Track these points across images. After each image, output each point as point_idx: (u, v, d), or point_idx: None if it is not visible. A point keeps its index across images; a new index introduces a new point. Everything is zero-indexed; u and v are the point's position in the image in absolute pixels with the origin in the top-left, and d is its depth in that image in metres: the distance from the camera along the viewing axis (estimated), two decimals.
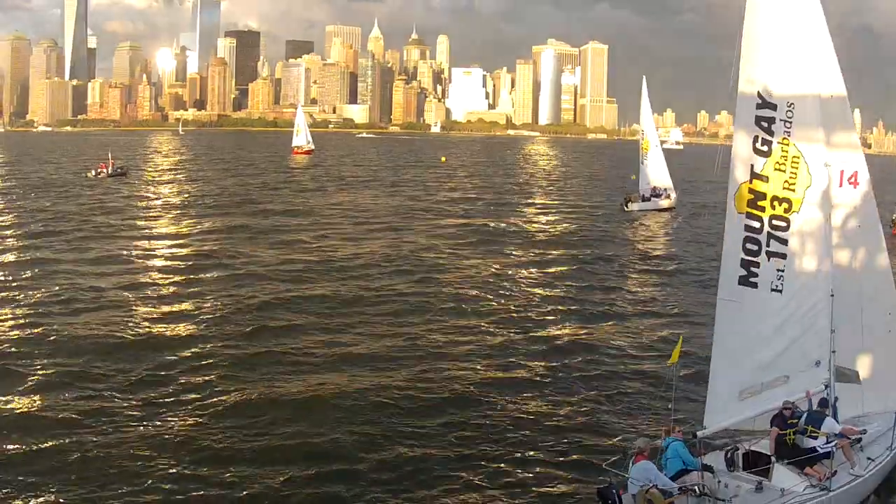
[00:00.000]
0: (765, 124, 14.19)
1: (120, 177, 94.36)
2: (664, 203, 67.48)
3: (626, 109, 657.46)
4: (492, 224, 57.58)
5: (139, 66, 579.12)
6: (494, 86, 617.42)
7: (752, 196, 14.37)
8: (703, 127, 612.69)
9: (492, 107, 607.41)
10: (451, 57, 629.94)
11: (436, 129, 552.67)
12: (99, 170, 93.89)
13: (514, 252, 46.59)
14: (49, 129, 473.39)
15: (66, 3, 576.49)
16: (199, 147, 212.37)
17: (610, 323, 30.36)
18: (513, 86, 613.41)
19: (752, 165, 14.28)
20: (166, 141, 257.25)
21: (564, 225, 60.00)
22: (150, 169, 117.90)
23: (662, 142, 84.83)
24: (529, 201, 77.48)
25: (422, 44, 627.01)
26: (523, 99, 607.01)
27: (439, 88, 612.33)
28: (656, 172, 68.17)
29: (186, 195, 75.62)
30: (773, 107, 14.16)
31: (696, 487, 12.97)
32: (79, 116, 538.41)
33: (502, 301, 33.38)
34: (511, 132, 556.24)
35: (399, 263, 41.11)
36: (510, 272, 40.21)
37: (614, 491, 12.91)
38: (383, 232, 52.99)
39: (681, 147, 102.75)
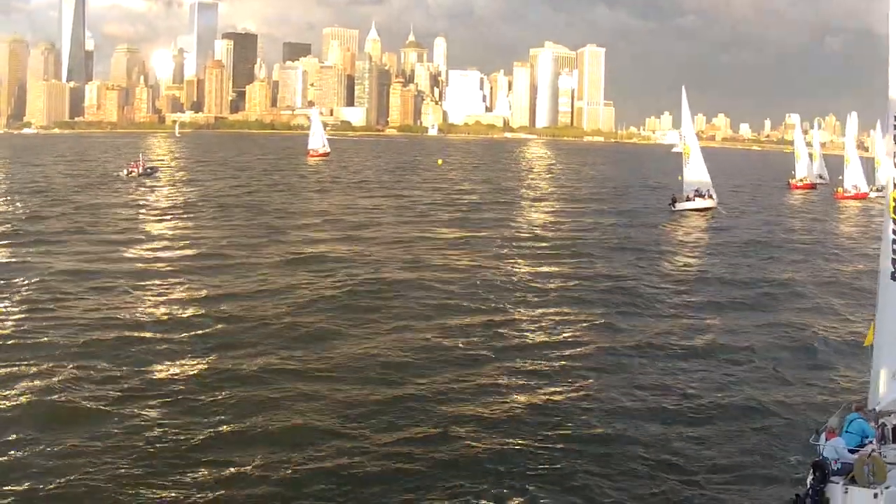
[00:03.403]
0: None
1: (150, 176, 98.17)
2: (707, 203, 71.75)
3: (623, 112, 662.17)
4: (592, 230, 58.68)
5: (136, 69, 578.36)
6: (492, 88, 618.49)
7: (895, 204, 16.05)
8: (700, 130, 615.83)
9: (489, 109, 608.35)
10: (448, 59, 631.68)
11: (433, 132, 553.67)
12: (131, 169, 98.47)
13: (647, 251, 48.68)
14: (34, 131, 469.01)
15: (63, 6, 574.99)
16: (204, 150, 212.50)
17: (790, 307, 33.68)
18: (510, 88, 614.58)
19: (894, 178, 16.02)
20: (164, 143, 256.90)
21: (631, 227, 61.49)
22: (173, 170, 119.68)
23: (672, 145, 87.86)
24: (577, 206, 78.30)
25: (419, 46, 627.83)
26: (521, 101, 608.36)
27: (436, 91, 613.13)
28: (698, 173, 73.02)
29: (218, 194, 77.99)
30: None
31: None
32: (76, 118, 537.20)
33: (670, 292, 35.93)
34: (508, 135, 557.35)
35: (451, 271, 41.10)
36: (656, 268, 42.41)
37: (829, 461, 14.43)
38: (417, 237, 53.53)
39: None
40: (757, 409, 21.54)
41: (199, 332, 27.69)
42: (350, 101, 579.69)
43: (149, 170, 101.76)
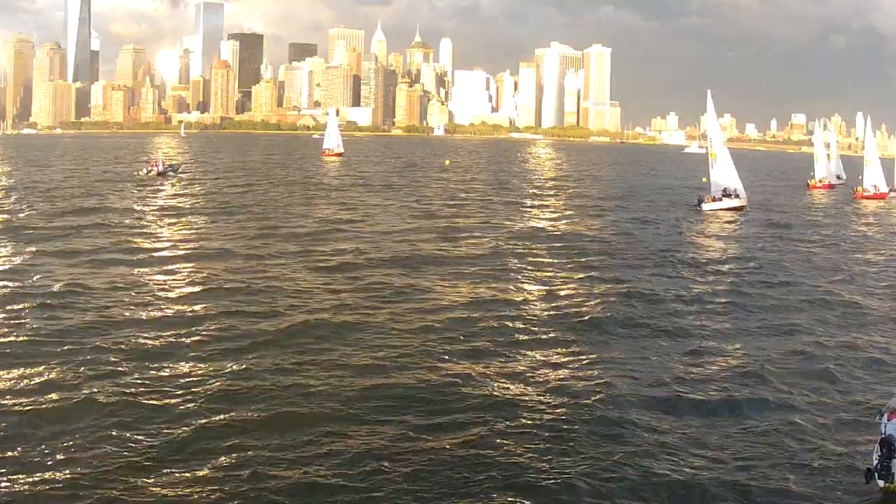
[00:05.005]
0: None
1: (173, 174, 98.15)
2: (735, 203, 71.26)
3: (629, 112, 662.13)
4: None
5: (142, 69, 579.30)
6: (497, 88, 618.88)
7: None
8: (705, 130, 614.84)
9: (495, 109, 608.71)
10: (454, 60, 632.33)
11: (439, 132, 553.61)
12: (150, 168, 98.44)
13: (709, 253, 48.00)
14: (33, 131, 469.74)
15: (69, 6, 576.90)
16: (214, 150, 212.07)
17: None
18: (516, 88, 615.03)
19: None
20: (168, 143, 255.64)
21: (658, 226, 60.52)
22: (196, 170, 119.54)
23: (681, 146, 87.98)
24: (599, 207, 76.73)
25: (425, 46, 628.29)
26: (526, 102, 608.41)
27: (442, 91, 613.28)
28: (726, 175, 72.69)
29: (239, 193, 77.50)
30: None
31: None
32: (82, 119, 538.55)
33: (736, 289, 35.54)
34: (514, 135, 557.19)
35: (485, 266, 40.19)
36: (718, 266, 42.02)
37: (894, 438, 15.64)
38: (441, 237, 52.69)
39: (703, 150, 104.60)
40: (821, 396, 21.85)
41: (214, 328, 26.97)
42: (356, 102, 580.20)
43: (168, 167, 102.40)
